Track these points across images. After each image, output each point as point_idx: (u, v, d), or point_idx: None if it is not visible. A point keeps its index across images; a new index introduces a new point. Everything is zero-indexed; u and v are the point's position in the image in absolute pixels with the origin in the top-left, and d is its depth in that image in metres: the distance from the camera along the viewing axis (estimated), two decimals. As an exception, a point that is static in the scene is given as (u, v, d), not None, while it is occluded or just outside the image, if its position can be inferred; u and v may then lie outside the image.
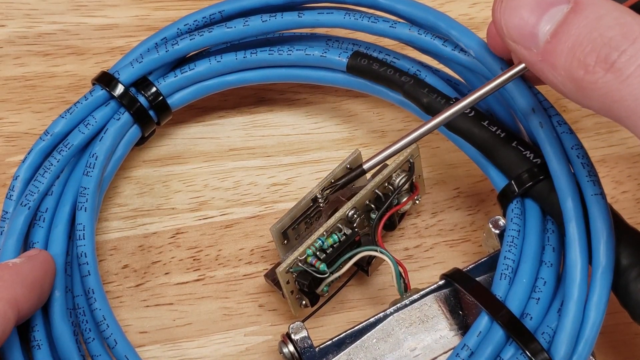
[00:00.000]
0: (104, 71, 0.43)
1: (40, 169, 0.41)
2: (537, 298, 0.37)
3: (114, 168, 0.44)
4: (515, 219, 0.39)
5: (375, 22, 0.42)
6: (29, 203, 0.40)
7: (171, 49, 0.43)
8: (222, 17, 0.44)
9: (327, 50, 0.44)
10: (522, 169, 0.39)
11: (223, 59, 0.44)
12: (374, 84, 0.44)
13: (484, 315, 0.36)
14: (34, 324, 0.38)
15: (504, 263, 0.38)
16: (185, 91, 0.44)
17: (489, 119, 0.40)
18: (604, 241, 0.36)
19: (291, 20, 0.43)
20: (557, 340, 0.35)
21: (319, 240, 0.39)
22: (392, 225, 0.42)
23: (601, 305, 0.36)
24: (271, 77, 0.45)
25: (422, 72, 0.43)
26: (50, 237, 0.40)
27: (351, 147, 0.45)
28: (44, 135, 0.42)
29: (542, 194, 0.38)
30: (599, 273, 0.36)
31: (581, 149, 0.38)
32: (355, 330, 0.39)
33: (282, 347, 0.39)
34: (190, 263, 0.44)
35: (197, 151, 0.47)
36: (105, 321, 0.38)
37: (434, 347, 0.39)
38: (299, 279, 0.39)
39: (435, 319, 0.39)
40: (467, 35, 0.40)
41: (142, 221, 0.45)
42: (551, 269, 0.37)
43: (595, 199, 0.36)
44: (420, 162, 0.42)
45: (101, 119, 0.43)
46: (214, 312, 0.43)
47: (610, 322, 0.40)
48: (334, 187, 0.40)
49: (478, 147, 0.40)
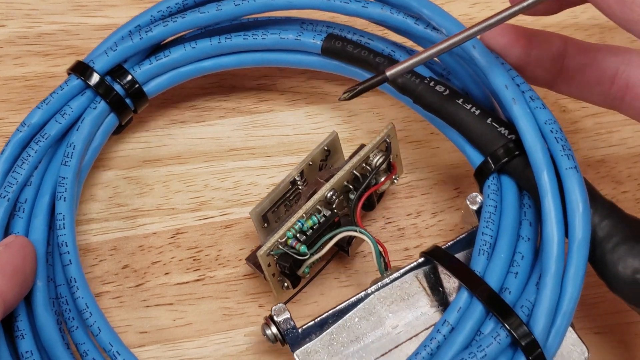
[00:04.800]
0: (79, 60, 0.43)
1: (18, 160, 0.41)
2: (515, 272, 0.37)
3: (92, 157, 0.44)
4: (492, 195, 0.39)
5: (348, 2, 0.42)
6: (8, 195, 0.40)
7: (145, 36, 0.43)
8: (195, 2, 0.44)
9: (302, 34, 0.44)
10: (498, 145, 0.39)
11: (198, 44, 0.44)
12: (349, 65, 0.44)
13: (464, 291, 0.37)
14: (17, 314, 0.38)
15: (481, 239, 0.38)
16: (161, 78, 0.45)
17: (463, 97, 0.40)
18: (580, 214, 0.36)
19: (264, 3, 0.43)
20: (536, 313, 0.36)
21: (299, 222, 0.40)
22: (370, 206, 0.43)
23: (578, 277, 0.36)
24: (246, 61, 0.45)
25: (397, 52, 0.44)
26: (30, 227, 0.40)
27: (351, 147, 0.45)
28: (21, 126, 0.42)
29: (518, 169, 0.39)
30: (576, 246, 0.36)
31: (555, 123, 0.38)
32: (337, 310, 0.39)
33: (265, 329, 0.39)
34: (190, 263, 0.44)
35: (197, 151, 0.47)
36: (88, 309, 0.38)
37: (415, 324, 0.39)
38: (279, 262, 0.40)
39: (416, 296, 0.40)
40: (439, 14, 0.41)
41: (142, 221, 0.45)
42: (528, 243, 0.38)
43: (570, 173, 0.37)
44: (396, 142, 0.42)
45: (77, 108, 0.43)
46: (214, 312, 0.43)
47: (610, 322, 0.41)
48: (352, 90, 0.38)
49: (453, 125, 0.40)
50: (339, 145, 0.43)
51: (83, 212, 0.45)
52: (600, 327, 0.42)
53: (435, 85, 0.41)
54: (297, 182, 0.41)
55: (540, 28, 0.42)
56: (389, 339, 0.39)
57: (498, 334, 0.35)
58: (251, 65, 0.45)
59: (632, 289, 0.36)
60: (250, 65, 0.45)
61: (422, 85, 0.41)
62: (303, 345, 0.39)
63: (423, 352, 0.36)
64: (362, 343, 0.39)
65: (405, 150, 0.46)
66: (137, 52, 0.44)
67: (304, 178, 0.41)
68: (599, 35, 0.50)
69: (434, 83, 0.41)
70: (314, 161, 0.42)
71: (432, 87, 0.41)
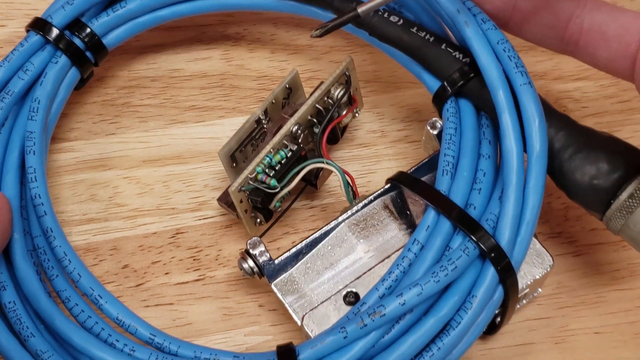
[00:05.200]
0: (37, 17, 0.44)
1: (-16, 119, 0.42)
2: (478, 189, 0.38)
3: (57, 112, 0.44)
4: (451, 118, 0.40)
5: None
6: (-24, 152, 0.41)
7: (101, -12, 0.44)
8: (149, -49, 0.44)
9: (257, -24, 0.45)
10: (453, 69, 0.40)
11: (153, -7, 0.45)
12: (304, 4, 0.45)
13: (431, 210, 0.38)
14: (-4, 267, 0.39)
15: (444, 160, 0.39)
16: (119, 30, 0.45)
17: (417, 25, 0.42)
18: (536, 127, 0.37)
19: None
20: (501, 225, 0.37)
21: (267, 157, 0.41)
22: (335, 139, 0.44)
23: (538, 187, 0.37)
24: (203, 8, 0.46)
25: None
26: (2, 183, 0.41)
27: (351, 147, 0.46)
28: (-17, 84, 0.42)
29: (474, 91, 0.40)
30: (534, 157, 0.37)
31: (507, 42, 0.39)
32: (310, 240, 0.40)
33: (242, 263, 0.40)
34: (190, 263, 0.44)
35: (197, 151, 0.47)
36: (67, 257, 0.39)
37: (386, 247, 0.40)
38: (251, 197, 0.41)
39: (385, 222, 0.41)
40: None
41: (142, 221, 0.45)
42: (489, 160, 0.39)
43: (525, 88, 0.38)
44: (355, 75, 0.43)
45: (39, 64, 0.43)
46: (214, 312, 0.43)
47: (610, 322, 0.42)
48: (325, 27, 0.38)
49: (409, 53, 0.42)
50: (300, 82, 0.44)
51: (83, 212, 0.45)
52: (600, 327, 0.42)
53: (389, 16, 0.42)
54: (261, 120, 0.42)
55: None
56: (361, 264, 0.40)
57: (466, 247, 0.36)
58: (208, 11, 0.46)
59: (590, 194, 0.38)
60: (207, 11, 0.46)
61: (376, 17, 0.42)
62: (280, 276, 0.40)
63: (396, 270, 0.37)
64: (336, 269, 0.40)
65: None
66: (93, 5, 0.44)
67: (268, 117, 0.42)
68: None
69: (388, 14, 0.42)
70: (276, 99, 0.43)
71: (387, 18, 0.42)
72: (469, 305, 0.36)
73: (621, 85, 0.48)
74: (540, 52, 0.49)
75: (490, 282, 0.36)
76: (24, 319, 0.38)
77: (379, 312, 0.35)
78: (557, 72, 0.49)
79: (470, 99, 0.41)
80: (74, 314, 0.38)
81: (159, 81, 0.49)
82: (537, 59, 0.49)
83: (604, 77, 0.48)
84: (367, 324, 0.35)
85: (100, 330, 0.38)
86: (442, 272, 0.36)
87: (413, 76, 0.43)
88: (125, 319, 0.38)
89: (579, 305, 0.43)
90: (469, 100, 0.41)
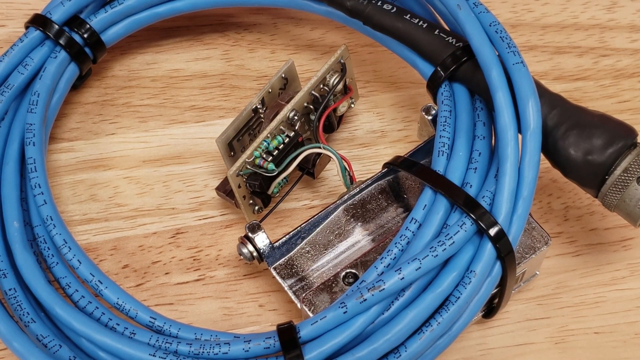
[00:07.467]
0: (37, 13, 0.44)
1: (-15, 112, 0.42)
2: (474, 168, 0.39)
3: (56, 108, 0.45)
4: (445, 101, 0.41)
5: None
6: (-23, 145, 0.41)
7: (99, -16, 0.44)
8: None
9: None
10: (446, 53, 0.41)
11: (151, -10, 0.45)
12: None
13: (428, 189, 0.38)
14: (-4, 255, 0.39)
15: (440, 142, 0.39)
16: (117, 26, 0.46)
17: (410, 12, 0.42)
18: (531, 104, 0.38)
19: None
20: (497, 201, 0.37)
21: (265, 142, 0.41)
22: (331, 127, 0.44)
23: (533, 163, 0.37)
24: (200, 4, 0.46)
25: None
26: (1, 175, 0.41)
27: (351, 147, 0.46)
28: (-16, 79, 0.43)
29: (468, 74, 0.41)
30: (529, 134, 0.38)
31: (499, 24, 0.40)
32: (309, 223, 0.40)
33: (242, 248, 0.40)
34: (190, 263, 0.44)
35: (197, 151, 0.47)
36: (67, 244, 0.39)
37: (383, 230, 0.41)
38: (249, 181, 0.41)
39: (382, 205, 0.41)
40: None
41: (142, 221, 0.45)
42: (484, 141, 0.40)
43: (517, 68, 0.39)
44: (351, 64, 0.44)
45: (39, 59, 0.44)
46: (214, 312, 0.43)
47: (610, 322, 0.42)
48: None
49: (402, 40, 0.42)
50: (296, 73, 0.44)
51: (83, 212, 0.45)
52: (600, 327, 0.42)
53: (382, 4, 0.42)
54: (258, 110, 0.43)
55: (540, 28, 0.41)
56: (359, 246, 0.41)
57: (464, 222, 0.37)
58: (205, 7, 0.47)
59: (584, 169, 0.38)
60: (204, 7, 0.46)
61: (369, 6, 0.43)
62: (279, 260, 0.40)
63: (394, 249, 0.37)
64: (335, 252, 0.40)
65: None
66: (92, 1, 0.45)
67: (265, 106, 0.43)
68: (598, 35, 0.51)
69: (381, 2, 0.43)
70: (273, 89, 0.43)
71: (380, 6, 0.42)
72: (468, 281, 0.36)
73: (621, 85, 0.49)
74: (540, 52, 0.49)
75: (488, 257, 0.37)
76: (24, 305, 0.38)
77: (379, 286, 0.35)
78: (557, 72, 0.49)
79: (464, 82, 0.41)
80: (74, 300, 0.38)
81: (159, 81, 0.49)
82: (537, 59, 0.50)
83: (604, 77, 0.49)
84: (367, 299, 0.35)
85: (101, 315, 0.38)
86: (440, 247, 0.36)
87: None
88: (125, 303, 0.38)
89: (579, 305, 0.43)
90: (462, 84, 0.41)
